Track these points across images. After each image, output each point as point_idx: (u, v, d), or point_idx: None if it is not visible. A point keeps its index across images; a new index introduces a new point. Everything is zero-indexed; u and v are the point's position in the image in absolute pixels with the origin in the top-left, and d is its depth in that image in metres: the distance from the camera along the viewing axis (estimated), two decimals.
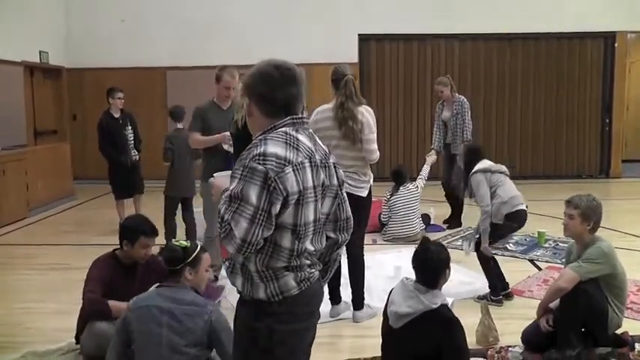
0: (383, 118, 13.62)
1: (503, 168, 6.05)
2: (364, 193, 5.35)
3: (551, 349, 4.53)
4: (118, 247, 4.63)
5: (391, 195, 8.32)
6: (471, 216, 8.33)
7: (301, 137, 2.70)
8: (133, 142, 8.95)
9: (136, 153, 8.99)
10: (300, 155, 2.63)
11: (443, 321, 3.64)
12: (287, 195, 2.56)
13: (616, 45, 13.81)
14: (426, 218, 8.68)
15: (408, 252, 3.95)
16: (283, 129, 2.68)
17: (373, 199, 5.60)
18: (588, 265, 4.44)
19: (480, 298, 5.82)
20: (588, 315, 4.46)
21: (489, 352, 4.66)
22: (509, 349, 4.72)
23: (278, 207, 2.57)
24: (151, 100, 13.45)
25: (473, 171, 5.95)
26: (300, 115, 2.76)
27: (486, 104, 13.85)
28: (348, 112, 5.20)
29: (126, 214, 8.43)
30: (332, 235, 2.94)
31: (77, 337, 4.61)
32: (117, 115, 8.86)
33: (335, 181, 2.84)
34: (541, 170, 13.93)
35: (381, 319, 3.99)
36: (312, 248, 2.74)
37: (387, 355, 3.92)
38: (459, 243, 8.03)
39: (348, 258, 5.51)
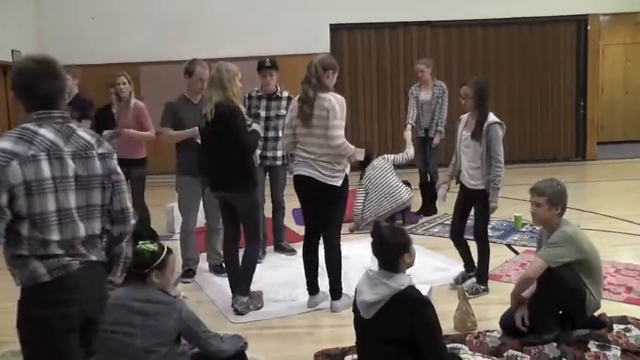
0: (357, 108, 13.61)
1: None
2: (338, 183, 5.31)
3: (530, 334, 4.53)
4: None
5: (361, 178, 8.10)
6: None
7: (43, 131, 2.82)
8: None
9: None
10: (32, 149, 2.76)
11: (411, 301, 3.61)
12: (12, 187, 2.70)
13: (589, 28, 13.86)
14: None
15: None
16: (25, 124, 2.85)
17: (350, 188, 5.56)
18: (553, 249, 4.44)
19: (458, 282, 5.82)
20: (565, 299, 4.47)
21: (468, 338, 4.65)
22: (488, 333, 4.71)
23: (4, 198, 2.70)
24: None
25: (493, 121, 5.50)
26: (47, 111, 2.88)
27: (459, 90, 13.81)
28: (304, 96, 5.24)
29: None
30: (108, 227, 3.08)
31: None
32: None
33: (97, 172, 2.96)
34: (517, 154, 13.89)
35: None
36: (58, 238, 2.82)
37: (364, 348, 3.87)
38: (436, 230, 8.05)
39: (324, 248, 5.49)
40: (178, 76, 6.43)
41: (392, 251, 3.70)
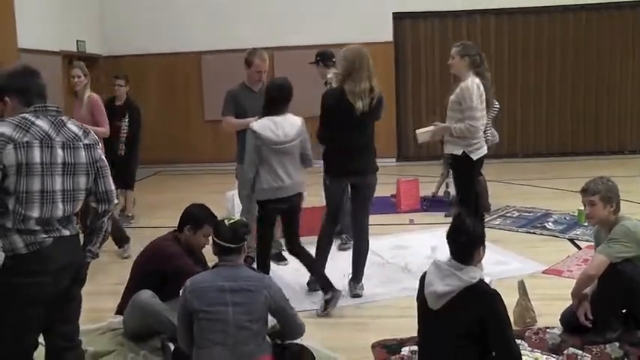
0: (419, 97, 13.59)
1: (280, 142, 5.23)
2: None
3: (591, 332, 4.45)
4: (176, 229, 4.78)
5: None
6: (503, 194, 8.15)
7: (39, 122, 3.22)
8: (125, 134, 8.42)
9: (123, 147, 8.39)
10: (27, 136, 3.15)
11: (483, 295, 3.57)
12: (4, 167, 3.10)
13: None
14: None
15: (443, 232, 3.92)
16: (24, 114, 3.23)
17: (410, 178, 5.53)
18: (613, 244, 4.34)
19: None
20: (627, 297, 4.37)
21: (527, 334, 4.60)
22: (548, 330, 4.64)
23: None
24: (186, 85, 13.56)
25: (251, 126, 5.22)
26: (44, 104, 3.31)
27: (524, 80, 13.61)
28: (489, 84, 6.13)
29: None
30: (94, 205, 3.46)
31: (119, 308, 4.79)
32: (118, 103, 8.53)
33: (83, 160, 3.34)
34: (581, 146, 13.63)
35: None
36: (38, 215, 3.18)
37: (427, 339, 3.82)
38: (497, 222, 7.94)
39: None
40: (240, 64, 6.48)
41: (471, 243, 3.64)
